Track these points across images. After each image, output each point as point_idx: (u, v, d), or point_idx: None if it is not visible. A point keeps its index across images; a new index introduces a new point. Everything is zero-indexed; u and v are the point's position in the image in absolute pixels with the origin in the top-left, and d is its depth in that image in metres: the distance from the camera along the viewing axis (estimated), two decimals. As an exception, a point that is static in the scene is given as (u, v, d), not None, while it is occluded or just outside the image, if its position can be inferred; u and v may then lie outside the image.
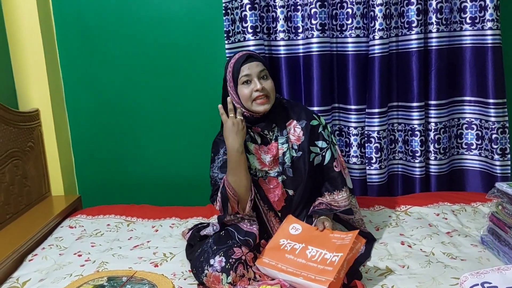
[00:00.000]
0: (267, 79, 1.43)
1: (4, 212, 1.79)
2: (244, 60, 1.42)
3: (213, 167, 1.53)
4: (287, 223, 1.44)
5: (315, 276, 1.25)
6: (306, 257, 1.32)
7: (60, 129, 2.19)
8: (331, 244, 1.34)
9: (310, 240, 1.37)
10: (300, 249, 1.35)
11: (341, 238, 1.35)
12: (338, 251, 1.30)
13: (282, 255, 1.35)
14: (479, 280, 1.17)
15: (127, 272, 1.41)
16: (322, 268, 1.28)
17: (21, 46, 2.05)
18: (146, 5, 2.15)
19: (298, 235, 1.40)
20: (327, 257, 1.30)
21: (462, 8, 2.01)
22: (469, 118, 2.12)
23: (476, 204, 1.91)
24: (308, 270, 1.28)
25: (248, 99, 1.42)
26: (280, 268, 1.31)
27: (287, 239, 1.39)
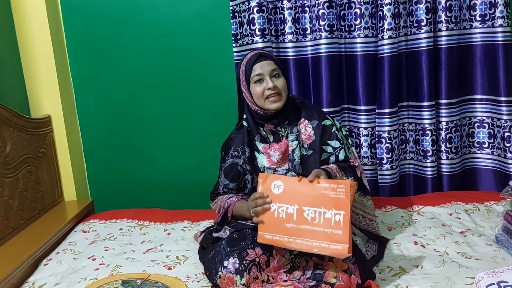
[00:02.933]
0: (279, 77, 1.45)
1: (18, 217, 1.81)
2: (256, 59, 1.43)
3: (221, 168, 1.57)
4: (267, 183, 1.33)
5: (329, 245, 1.24)
6: (307, 221, 1.27)
7: (71, 135, 2.22)
8: (325, 198, 1.28)
9: (300, 198, 1.29)
10: (296, 212, 1.28)
11: (332, 188, 1.28)
12: (337, 208, 1.26)
13: (282, 226, 1.29)
14: (495, 279, 1.15)
15: (141, 275, 1.42)
16: (330, 232, 1.25)
17: (32, 54, 2.08)
18: (154, 11, 2.16)
19: (283, 193, 1.31)
20: (329, 216, 1.26)
21: (471, 6, 2.00)
22: (481, 116, 2.10)
23: (490, 203, 1.89)
24: (317, 237, 1.25)
25: (260, 97, 1.43)
26: (287, 241, 1.28)
27: (275, 202, 1.31)
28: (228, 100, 2.19)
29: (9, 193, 1.76)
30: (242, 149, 1.53)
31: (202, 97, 2.24)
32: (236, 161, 1.53)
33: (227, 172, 1.54)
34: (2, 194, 1.72)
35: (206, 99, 2.24)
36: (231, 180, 1.54)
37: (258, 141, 1.51)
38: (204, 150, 2.27)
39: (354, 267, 1.31)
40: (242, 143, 1.53)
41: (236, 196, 1.55)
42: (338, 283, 1.29)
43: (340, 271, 1.32)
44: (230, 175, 1.54)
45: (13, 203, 1.78)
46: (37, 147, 1.99)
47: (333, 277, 1.31)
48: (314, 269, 1.36)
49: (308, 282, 1.32)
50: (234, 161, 1.53)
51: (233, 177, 1.53)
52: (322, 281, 1.31)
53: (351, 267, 1.32)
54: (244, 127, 1.54)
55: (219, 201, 1.55)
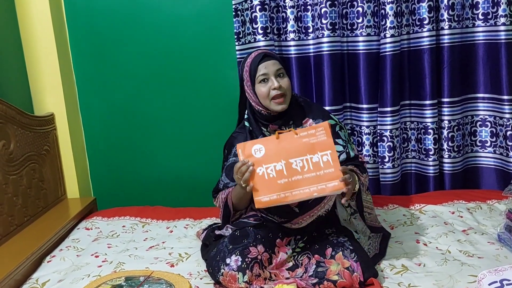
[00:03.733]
0: (284, 77, 1.44)
1: (22, 214, 1.82)
2: (260, 59, 1.42)
3: (223, 167, 1.57)
4: (246, 150, 1.31)
5: (326, 184, 1.25)
6: (298, 171, 1.27)
7: (74, 132, 2.23)
8: (307, 145, 1.29)
9: (285, 153, 1.29)
10: (284, 167, 1.28)
11: (311, 134, 1.29)
12: (322, 150, 1.27)
13: (275, 184, 1.27)
14: (497, 278, 1.16)
15: (144, 272, 1.43)
16: (322, 173, 1.26)
17: (35, 53, 2.08)
18: (156, 10, 2.17)
19: (266, 154, 1.29)
20: (316, 160, 1.27)
21: (474, 4, 1.99)
22: (483, 115, 2.10)
23: (492, 201, 1.89)
24: (312, 183, 1.26)
25: (266, 97, 1.43)
26: (284, 197, 1.26)
27: (261, 165, 1.29)
28: (230, 98, 2.18)
29: (13, 190, 1.77)
30: None
31: (204, 95, 2.24)
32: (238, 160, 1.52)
33: (228, 171, 1.54)
34: (6, 191, 1.73)
35: (209, 98, 2.24)
36: (232, 179, 1.53)
37: None
38: (206, 148, 2.27)
39: (357, 264, 1.32)
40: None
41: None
42: (340, 280, 1.30)
43: (342, 269, 1.32)
44: (231, 174, 1.53)
45: (17, 200, 1.79)
46: (40, 145, 2.00)
47: (335, 274, 1.32)
48: (316, 266, 1.36)
49: (310, 279, 1.33)
50: (236, 160, 1.52)
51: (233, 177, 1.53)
52: (324, 278, 1.32)
53: (353, 265, 1.32)
54: (246, 127, 1.53)
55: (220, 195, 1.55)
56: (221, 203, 1.52)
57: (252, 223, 1.48)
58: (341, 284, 1.30)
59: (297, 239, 1.47)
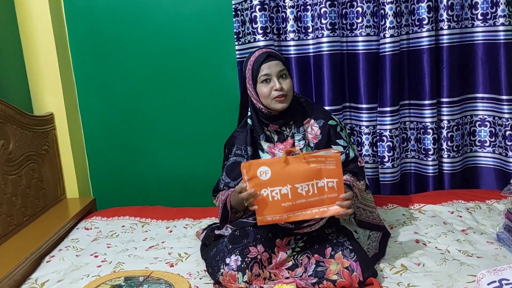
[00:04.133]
0: (286, 78, 1.44)
1: (21, 214, 1.82)
2: (264, 59, 1.42)
3: (224, 166, 1.57)
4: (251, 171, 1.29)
5: (328, 207, 1.28)
6: (302, 195, 1.28)
7: (74, 132, 2.22)
8: (315, 171, 1.29)
9: (291, 178, 1.29)
10: (290, 191, 1.28)
11: (321, 161, 1.29)
12: (329, 177, 1.28)
13: (278, 206, 1.28)
14: (496, 277, 1.16)
15: (144, 272, 1.42)
16: (326, 197, 1.29)
17: (35, 52, 2.08)
18: (156, 9, 2.16)
19: (273, 177, 1.29)
20: (322, 185, 1.29)
21: (473, 5, 2.00)
22: (482, 115, 2.10)
23: (491, 201, 1.89)
24: (314, 206, 1.29)
25: (267, 97, 1.43)
26: (287, 218, 1.29)
27: (266, 188, 1.29)
28: (230, 98, 2.19)
29: (12, 190, 1.77)
30: (244, 148, 1.52)
31: (204, 95, 2.24)
32: (239, 160, 1.52)
33: (228, 170, 1.54)
34: (5, 191, 1.73)
35: (208, 97, 2.24)
36: (233, 178, 1.53)
37: (263, 140, 1.50)
38: (206, 148, 2.27)
39: (356, 264, 1.32)
40: (245, 142, 1.52)
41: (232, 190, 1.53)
42: (340, 280, 1.30)
43: (342, 268, 1.32)
44: (231, 174, 1.54)
45: (16, 200, 1.79)
46: (39, 145, 2.00)
47: (335, 274, 1.32)
48: (316, 266, 1.36)
49: (310, 279, 1.33)
50: (237, 160, 1.53)
51: (235, 176, 1.53)
52: (323, 278, 1.32)
53: (352, 265, 1.32)
54: (248, 125, 1.53)
55: (220, 196, 1.55)
56: (221, 203, 1.53)
57: (251, 223, 1.48)
58: (341, 283, 1.30)
59: (297, 239, 1.48)
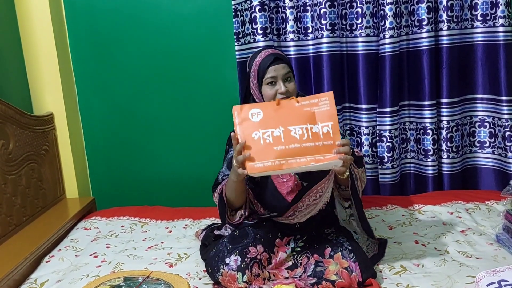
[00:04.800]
0: (290, 81, 1.44)
1: (21, 214, 1.82)
2: (271, 62, 1.41)
3: (225, 159, 1.56)
4: (243, 113, 1.24)
5: (324, 156, 1.19)
6: (296, 139, 1.21)
7: (73, 132, 2.22)
8: (309, 114, 1.23)
9: (283, 120, 1.23)
10: (282, 134, 1.21)
11: (314, 104, 1.24)
12: (323, 120, 1.22)
13: (270, 150, 1.20)
14: (495, 278, 1.16)
15: (143, 273, 1.43)
16: (321, 144, 1.20)
17: (35, 52, 2.08)
18: (156, 9, 2.17)
19: (264, 119, 1.23)
20: (316, 131, 1.22)
21: (473, 5, 2.00)
22: (482, 116, 2.10)
23: (491, 202, 1.89)
24: (309, 153, 1.20)
25: (271, 99, 1.43)
26: (279, 165, 1.19)
27: (258, 130, 1.22)
28: (230, 98, 2.19)
29: (12, 190, 1.77)
30: None
31: (203, 95, 2.24)
32: None
33: (229, 163, 1.53)
34: (5, 191, 1.73)
35: (208, 97, 2.24)
36: None
37: None
38: (206, 148, 2.27)
39: (355, 265, 1.32)
40: None
41: None
42: (339, 280, 1.30)
43: (341, 269, 1.32)
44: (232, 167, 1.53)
45: (15, 200, 1.79)
46: (39, 145, 2.00)
47: (334, 274, 1.32)
48: (315, 266, 1.36)
49: (309, 279, 1.33)
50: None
51: None
52: (322, 278, 1.32)
53: (351, 265, 1.33)
54: None
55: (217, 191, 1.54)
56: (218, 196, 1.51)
57: (251, 223, 1.48)
58: (340, 284, 1.30)
59: (296, 239, 1.48)
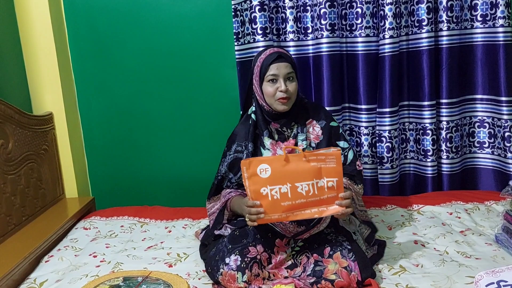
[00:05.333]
0: (292, 81, 1.45)
1: (20, 214, 1.82)
2: (274, 59, 1.43)
3: (223, 162, 1.56)
4: (251, 168, 1.28)
5: (327, 207, 1.29)
6: (302, 195, 1.28)
7: (73, 132, 2.22)
8: (315, 169, 1.28)
9: (291, 176, 1.28)
10: (289, 190, 1.27)
11: (321, 160, 1.29)
12: (329, 176, 1.29)
13: (278, 205, 1.28)
14: (494, 279, 1.16)
15: (142, 272, 1.43)
16: (325, 197, 1.29)
17: (34, 52, 2.08)
18: (156, 9, 2.17)
19: (273, 175, 1.28)
20: (322, 185, 1.29)
21: (472, 6, 2.00)
22: (481, 116, 2.10)
23: (490, 202, 1.89)
24: (314, 205, 1.29)
25: (271, 97, 1.45)
26: (286, 217, 1.28)
27: (266, 186, 1.28)
28: (229, 98, 2.19)
29: (11, 190, 1.77)
30: (245, 144, 1.52)
31: (203, 95, 2.24)
32: (240, 156, 1.52)
33: (231, 167, 1.55)
34: (4, 191, 1.72)
35: (207, 97, 2.24)
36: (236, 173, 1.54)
37: (266, 136, 1.50)
38: (205, 148, 2.27)
39: (354, 264, 1.32)
40: (246, 138, 1.52)
41: (235, 192, 1.55)
42: (338, 279, 1.30)
43: (340, 268, 1.32)
44: (234, 168, 1.54)
45: (15, 200, 1.79)
46: (39, 144, 2.00)
47: (333, 274, 1.32)
48: (314, 265, 1.36)
49: (308, 278, 1.33)
50: (238, 156, 1.53)
51: (237, 170, 1.53)
52: (322, 277, 1.32)
53: (351, 264, 1.33)
54: (251, 120, 1.53)
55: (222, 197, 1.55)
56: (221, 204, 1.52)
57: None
58: (339, 283, 1.30)
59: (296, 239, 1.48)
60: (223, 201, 1.52)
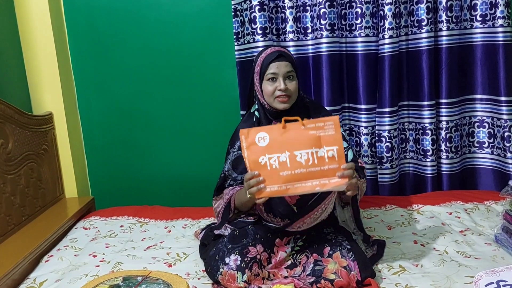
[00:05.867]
0: (292, 80, 1.45)
1: (20, 214, 1.82)
2: (274, 58, 1.43)
3: (227, 160, 1.56)
4: (250, 137, 1.27)
5: (329, 180, 1.23)
6: (302, 164, 1.23)
7: (73, 132, 2.22)
8: (314, 138, 1.25)
9: (289, 144, 1.25)
10: (288, 159, 1.24)
11: (319, 127, 1.25)
12: (328, 144, 1.24)
13: (276, 175, 1.24)
14: (494, 279, 1.16)
15: (142, 272, 1.43)
16: (326, 168, 1.23)
17: (34, 51, 2.08)
18: (156, 9, 2.17)
19: (270, 143, 1.26)
20: (322, 155, 1.24)
21: (472, 6, 2.00)
22: (481, 116, 2.10)
23: (489, 202, 1.90)
24: (314, 177, 1.23)
25: (270, 95, 1.45)
26: (285, 189, 1.23)
27: (264, 155, 1.25)
28: (229, 98, 2.20)
29: (11, 190, 1.77)
30: None
31: (203, 95, 2.24)
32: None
33: (234, 164, 1.54)
34: (4, 191, 1.73)
35: (207, 97, 2.24)
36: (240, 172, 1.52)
37: None
38: (205, 147, 2.27)
39: (354, 264, 1.32)
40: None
41: (239, 186, 1.52)
42: (337, 279, 1.31)
43: (340, 268, 1.32)
44: (237, 168, 1.53)
45: (14, 200, 1.79)
46: (38, 144, 2.00)
47: (333, 273, 1.32)
48: (314, 265, 1.36)
49: (308, 278, 1.33)
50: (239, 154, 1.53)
51: (241, 171, 1.51)
52: (321, 277, 1.32)
53: (350, 264, 1.33)
54: (254, 117, 1.53)
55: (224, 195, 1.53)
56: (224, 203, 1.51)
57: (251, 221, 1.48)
58: (338, 283, 1.31)
59: (296, 238, 1.48)
60: (227, 199, 1.51)
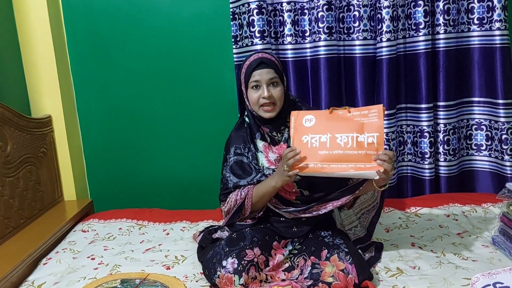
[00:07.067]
0: (276, 86, 1.45)
1: (18, 216, 1.82)
2: (256, 66, 1.43)
3: (225, 166, 1.55)
4: (298, 118, 1.36)
5: (365, 165, 1.25)
6: (340, 146, 1.28)
7: (71, 135, 2.23)
8: (357, 124, 1.30)
9: (333, 127, 1.31)
10: (329, 140, 1.30)
11: (364, 115, 1.31)
12: (370, 131, 1.28)
13: (315, 153, 1.30)
14: (490, 281, 1.17)
15: (140, 275, 1.43)
16: (364, 153, 1.26)
17: (33, 54, 2.09)
18: (155, 12, 2.18)
19: (315, 125, 1.33)
20: (362, 140, 1.28)
21: (469, 9, 2.01)
22: (478, 119, 2.11)
23: (487, 205, 1.90)
24: (351, 160, 1.27)
25: (255, 103, 1.45)
26: (321, 167, 1.28)
27: (308, 134, 1.33)
28: (228, 100, 2.20)
29: (10, 193, 1.77)
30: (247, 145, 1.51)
31: (201, 98, 2.25)
32: (240, 158, 1.52)
33: (233, 171, 1.52)
34: (3, 194, 1.73)
35: (206, 100, 2.25)
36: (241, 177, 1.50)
37: (259, 139, 1.51)
38: (204, 150, 2.28)
39: (351, 267, 1.32)
40: (244, 140, 1.52)
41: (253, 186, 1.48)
42: (335, 282, 1.31)
43: (337, 271, 1.33)
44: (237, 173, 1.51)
45: (13, 202, 1.79)
46: (37, 147, 2.00)
47: (330, 276, 1.32)
48: (312, 268, 1.37)
49: (305, 281, 1.33)
50: (238, 159, 1.52)
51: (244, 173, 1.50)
52: (319, 280, 1.32)
53: (348, 267, 1.33)
54: (245, 123, 1.54)
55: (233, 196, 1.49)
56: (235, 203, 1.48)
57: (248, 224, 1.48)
58: (336, 286, 1.30)
59: (293, 241, 1.48)
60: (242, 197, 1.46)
